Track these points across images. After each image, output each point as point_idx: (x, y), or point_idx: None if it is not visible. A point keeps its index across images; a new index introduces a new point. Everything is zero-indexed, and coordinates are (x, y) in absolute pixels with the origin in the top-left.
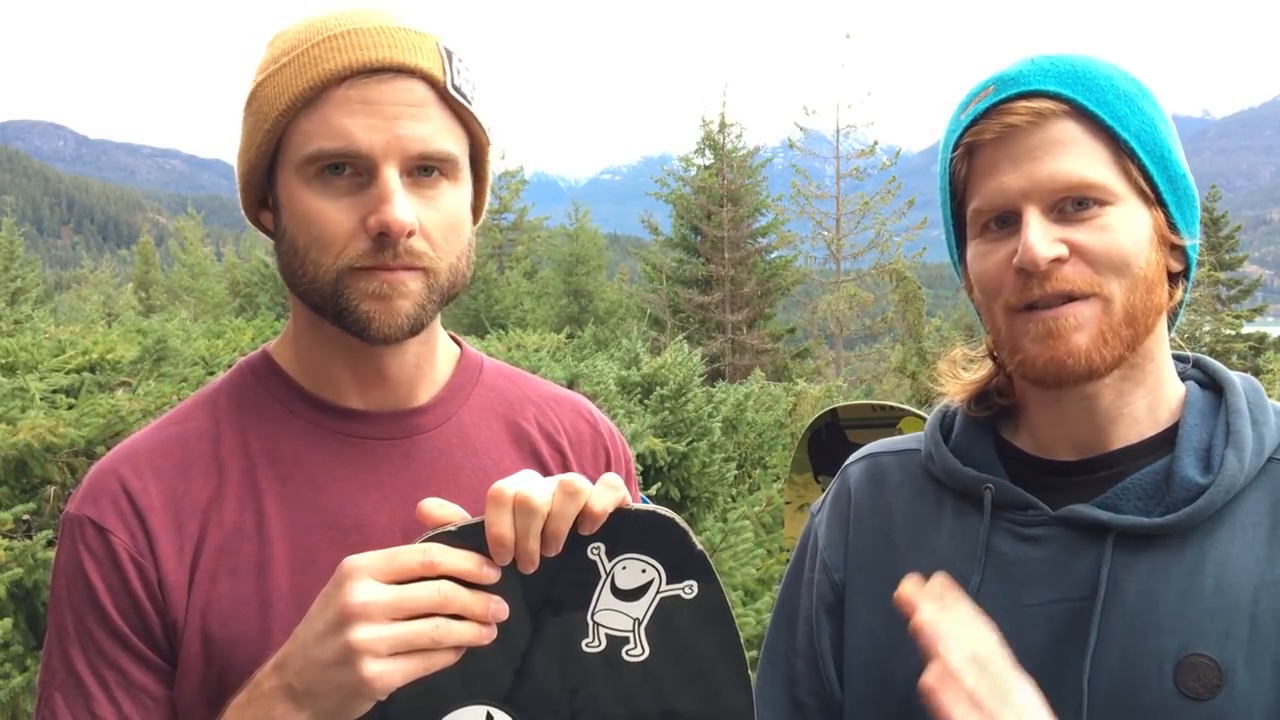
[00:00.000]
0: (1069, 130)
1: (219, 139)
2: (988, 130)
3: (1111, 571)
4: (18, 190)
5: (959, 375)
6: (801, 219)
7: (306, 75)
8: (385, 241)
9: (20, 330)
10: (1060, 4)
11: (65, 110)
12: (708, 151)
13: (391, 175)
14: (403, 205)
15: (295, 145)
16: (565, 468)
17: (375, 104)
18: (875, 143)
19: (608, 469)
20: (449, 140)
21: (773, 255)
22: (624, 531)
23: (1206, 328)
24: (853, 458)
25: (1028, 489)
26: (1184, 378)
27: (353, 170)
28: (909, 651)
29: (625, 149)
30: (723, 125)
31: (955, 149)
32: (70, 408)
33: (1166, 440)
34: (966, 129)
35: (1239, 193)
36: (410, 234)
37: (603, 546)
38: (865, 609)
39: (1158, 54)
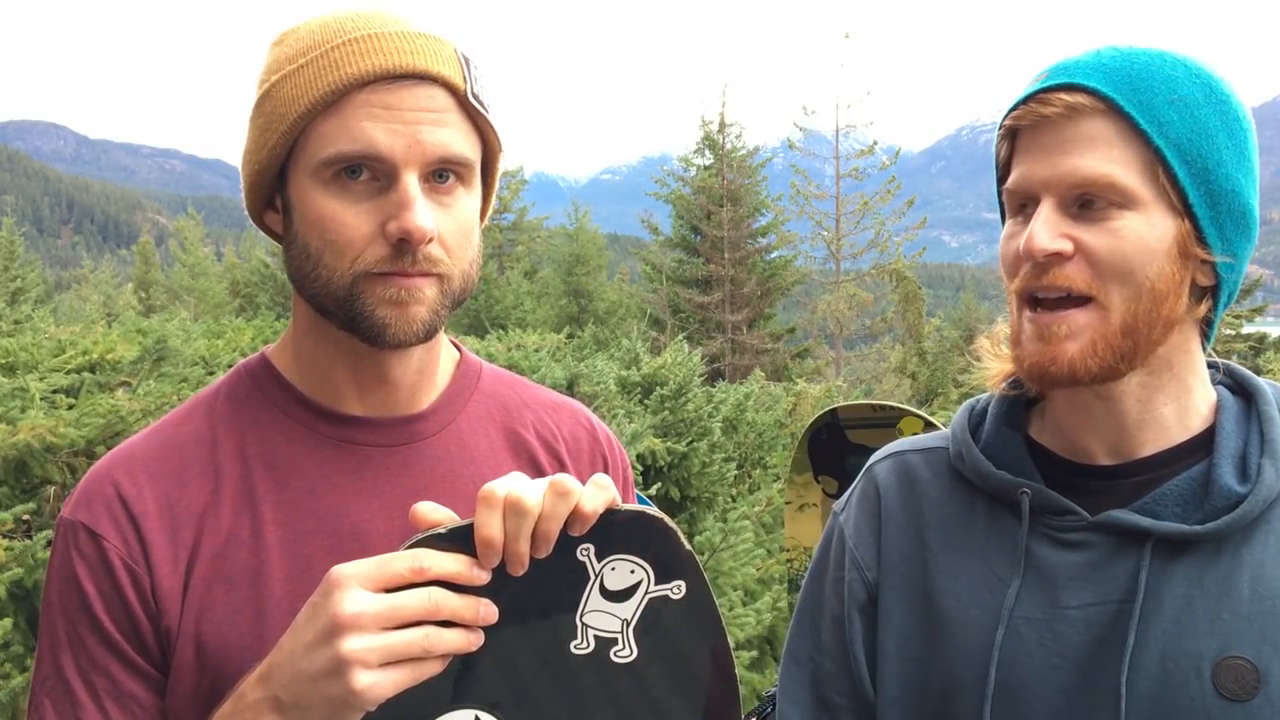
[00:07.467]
0: (1100, 128)
1: (219, 139)
2: (1025, 116)
3: (1149, 576)
4: (18, 190)
5: (999, 353)
6: (801, 219)
7: (327, 79)
8: (405, 248)
9: (20, 330)
10: (1061, 4)
11: (65, 110)
12: (707, 151)
13: (412, 181)
14: (424, 212)
15: (312, 148)
16: None
17: (397, 109)
18: (875, 143)
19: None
20: (467, 146)
21: (772, 255)
22: (613, 532)
23: None
24: (877, 456)
25: (1061, 492)
26: (1213, 383)
27: (370, 175)
28: (943, 654)
29: (625, 149)
30: (722, 125)
31: (1000, 129)
32: (70, 408)
33: (1199, 446)
34: (1012, 111)
35: None
36: (429, 241)
37: (592, 548)
38: (898, 609)
39: None
